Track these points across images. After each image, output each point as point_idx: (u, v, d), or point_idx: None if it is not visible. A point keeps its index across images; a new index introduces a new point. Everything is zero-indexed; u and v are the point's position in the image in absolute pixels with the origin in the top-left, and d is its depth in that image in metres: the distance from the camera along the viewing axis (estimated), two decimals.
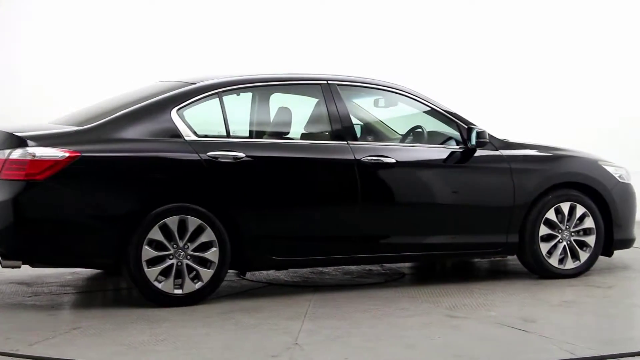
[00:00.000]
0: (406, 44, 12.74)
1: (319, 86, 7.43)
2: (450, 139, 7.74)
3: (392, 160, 7.35)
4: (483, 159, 7.66)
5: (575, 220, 7.94)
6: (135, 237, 6.62)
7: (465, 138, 7.64)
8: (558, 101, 13.06)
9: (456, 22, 13.03)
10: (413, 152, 7.59)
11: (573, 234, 7.93)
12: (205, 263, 6.83)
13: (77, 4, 11.99)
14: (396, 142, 7.88)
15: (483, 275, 8.65)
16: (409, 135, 7.92)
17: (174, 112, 6.92)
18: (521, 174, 7.77)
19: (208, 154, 6.84)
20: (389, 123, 8.08)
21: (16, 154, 6.47)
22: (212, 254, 6.84)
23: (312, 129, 7.50)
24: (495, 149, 7.76)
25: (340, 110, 7.35)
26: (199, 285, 6.82)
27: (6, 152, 6.47)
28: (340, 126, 7.33)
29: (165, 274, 6.74)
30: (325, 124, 7.37)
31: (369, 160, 7.27)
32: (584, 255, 7.97)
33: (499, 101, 12.74)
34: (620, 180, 8.19)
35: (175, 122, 6.89)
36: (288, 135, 7.50)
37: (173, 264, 6.74)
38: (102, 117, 6.88)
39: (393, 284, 7.92)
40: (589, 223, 7.98)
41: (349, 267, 8.52)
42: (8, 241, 6.50)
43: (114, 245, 6.63)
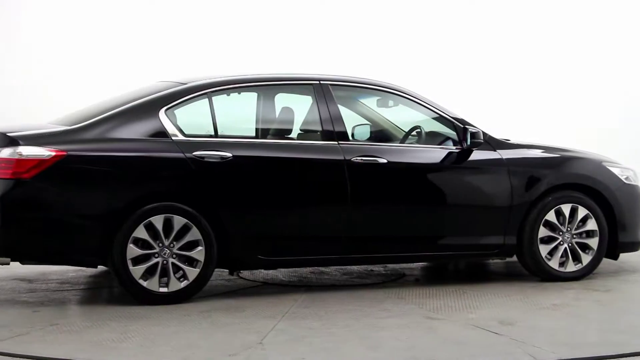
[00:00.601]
0: (406, 44, 12.62)
1: (311, 86, 7.41)
2: (448, 139, 7.65)
3: (384, 161, 7.30)
4: (479, 159, 7.58)
5: (578, 222, 7.77)
6: (120, 236, 6.70)
7: (461, 138, 7.54)
8: (561, 101, 12.86)
9: (456, 22, 12.87)
10: (406, 153, 7.54)
11: (575, 236, 7.78)
12: (192, 262, 6.86)
13: (79, 4, 12.11)
14: (390, 143, 7.77)
15: (483, 276, 8.56)
16: (408, 136, 7.84)
17: (162, 112, 6.99)
18: (519, 175, 7.67)
19: (194, 153, 6.89)
20: (385, 123, 7.97)
21: (5, 153, 6.61)
22: (198, 253, 6.89)
23: (303, 129, 7.49)
24: (493, 150, 7.65)
25: (332, 110, 7.34)
26: (185, 283, 6.87)
27: None
28: (331, 126, 7.31)
29: (152, 273, 6.77)
30: (316, 124, 7.36)
31: (359, 160, 7.23)
32: (587, 258, 7.83)
33: (500, 101, 12.58)
34: (626, 181, 8.01)
35: (163, 122, 6.95)
36: (278, 135, 7.48)
37: (158, 262, 6.79)
38: (92, 117, 6.97)
39: (389, 284, 7.89)
40: (591, 225, 7.82)
41: (351, 267, 8.50)
42: None
43: (100, 244, 6.72)
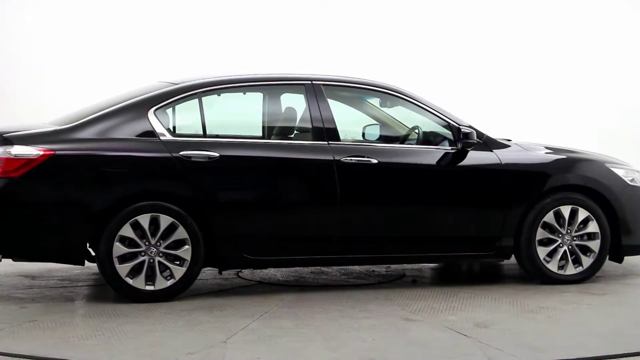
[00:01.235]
0: (407, 45, 12.58)
1: (302, 86, 7.41)
2: (445, 139, 7.58)
3: (374, 161, 7.26)
4: (474, 159, 7.49)
5: (578, 224, 7.63)
6: (106, 234, 6.79)
7: (456, 139, 7.48)
8: (562, 101, 12.75)
9: (456, 21, 12.80)
10: (398, 153, 7.48)
11: (575, 239, 7.64)
12: (178, 260, 6.92)
13: (81, 4, 12.26)
14: (393, 143, 7.71)
15: (484, 278, 8.49)
16: (407, 136, 7.79)
17: (151, 112, 7.06)
18: (516, 176, 7.57)
19: (181, 153, 6.95)
20: (393, 122, 7.90)
21: None
22: (185, 251, 6.95)
23: (294, 129, 7.49)
24: (489, 150, 7.56)
25: (323, 110, 7.33)
26: (171, 282, 6.93)
27: None
28: (322, 126, 7.30)
29: (138, 271, 6.86)
30: (307, 123, 7.36)
31: (349, 160, 7.21)
32: (588, 261, 7.69)
33: (501, 101, 12.46)
34: (630, 183, 7.84)
35: (152, 122, 7.03)
36: (269, 135, 7.51)
37: (145, 260, 6.86)
38: (84, 117, 7.08)
39: (384, 285, 7.87)
40: (592, 227, 7.67)
41: (353, 268, 8.49)
42: None
43: (86, 242, 6.83)
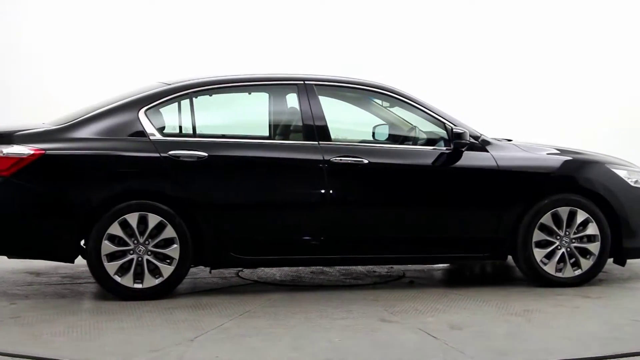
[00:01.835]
0: (407, 45, 12.49)
1: (295, 86, 7.43)
2: (441, 140, 7.53)
3: (365, 161, 7.24)
4: (468, 159, 7.42)
5: (577, 226, 7.51)
6: (94, 232, 6.89)
7: (449, 139, 7.42)
8: (563, 101, 12.58)
9: (457, 22, 12.69)
10: (389, 153, 7.44)
11: (574, 241, 7.51)
12: (167, 259, 6.99)
13: (82, 4, 12.39)
14: (372, 143, 7.70)
15: (481, 280, 8.42)
16: (404, 136, 7.75)
17: (141, 112, 7.15)
18: (511, 177, 7.48)
19: (169, 152, 7.02)
20: (402, 122, 7.86)
21: None
22: (173, 250, 7.01)
23: (285, 128, 7.51)
24: (485, 150, 7.48)
25: (314, 110, 7.33)
26: (160, 280, 7.00)
27: None
28: (312, 126, 7.30)
29: (127, 269, 6.95)
30: (298, 123, 7.37)
31: (339, 160, 7.20)
32: (587, 264, 7.55)
33: (501, 101, 12.32)
34: (633, 184, 7.68)
35: (142, 122, 7.11)
36: (260, 135, 7.54)
37: (133, 259, 6.94)
38: (78, 117, 7.19)
39: (379, 286, 7.85)
40: (592, 230, 7.53)
41: (354, 268, 8.47)
42: None
43: (76, 240, 6.95)
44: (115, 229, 6.93)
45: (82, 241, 7.08)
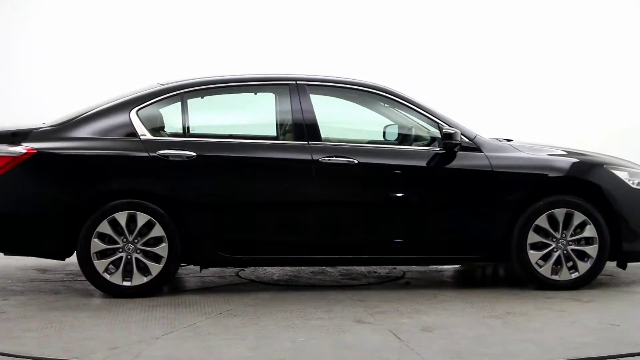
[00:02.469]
0: (408, 45, 12.34)
1: (287, 86, 7.44)
2: (435, 140, 7.47)
3: (354, 161, 7.22)
4: (460, 160, 7.34)
5: (574, 229, 7.38)
6: (84, 230, 7.02)
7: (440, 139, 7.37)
8: (564, 101, 12.36)
9: (457, 22, 12.51)
10: (380, 153, 7.40)
11: (571, 243, 7.38)
12: (156, 257, 7.08)
13: (85, 5, 12.48)
14: (363, 143, 7.66)
15: (480, 282, 8.33)
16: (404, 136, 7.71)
17: (133, 113, 7.26)
18: (506, 178, 7.38)
19: (158, 152, 7.11)
20: (366, 123, 7.85)
21: None
22: (162, 249, 7.10)
23: (276, 129, 7.53)
24: (479, 151, 7.40)
25: (305, 110, 7.34)
26: (148, 278, 7.09)
27: None
28: (303, 126, 7.31)
29: (116, 267, 7.06)
30: (289, 123, 7.39)
31: (327, 160, 7.20)
32: (584, 267, 7.41)
33: (502, 101, 12.12)
34: (633, 186, 7.51)
35: (133, 122, 7.22)
36: (250, 135, 7.58)
37: (122, 257, 7.05)
38: (73, 117, 7.33)
39: (373, 286, 7.81)
40: (590, 232, 7.39)
41: (357, 268, 8.46)
42: None
43: (67, 237, 7.08)
44: (105, 228, 7.04)
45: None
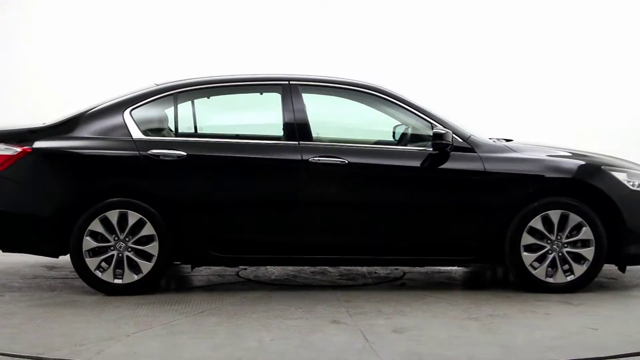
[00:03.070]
0: (408, 45, 12.21)
1: (280, 86, 7.46)
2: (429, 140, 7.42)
3: (344, 161, 7.21)
4: (452, 160, 7.28)
5: (571, 230, 7.26)
6: (76, 229, 7.13)
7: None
8: (566, 100, 12.16)
9: (457, 22, 12.37)
10: (371, 154, 7.37)
11: (566, 246, 7.26)
12: (147, 256, 7.16)
13: (87, 5, 12.54)
14: (352, 143, 7.61)
15: (480, 283, 8.24)
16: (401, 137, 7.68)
17: (127, 112, 7.36)
18: (499, 178, 7.29)
19: (149, 151, 7.19)
20: (360, 123, 7.83)
21: None
22: (152, 247, 7.18)
23: (268, 128, 7.56)
24: (473, 151, 7.32)
25: (297, 110, 7.35)
26: (139, 276, 7.18)
27: None
28: (294, 126, 7.32)
29: (108, 265, 7.17)
30: (281, 123, 7.40)
31: (317, 160, 7.20)
32: (580, 269, 7.29)
33: (502, 101, 11.91)
34: (633, 188, 7.36)
35: (127, 122, 7.32)
36: (242, 135, 7.62)
37: (114, 255, 7.15)
38: (70, 116, 7.46)
39: (368, 287, 7.78)
40: (586, 234, 7.26)
41: (355, 268, 8.43)
42: None
43: (60, 235, 7.20)
44: (97, 226, 7.13)
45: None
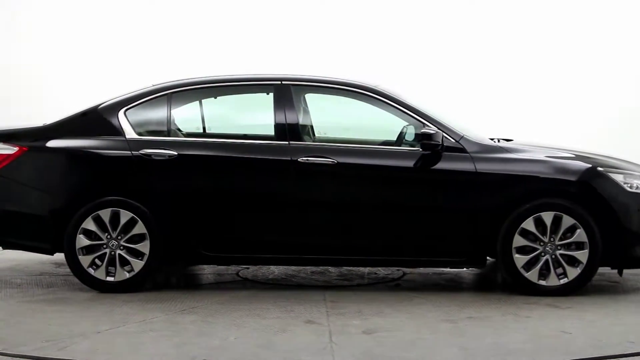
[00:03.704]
0: (408, 45, 12.06)
1: (272, 86, 7.49)
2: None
3: (333, 161, 7.20)
4: (443, 160, 7.21)
5: (564, 232, 7.14)
6: (70, 227, 7.26)
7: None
8: (566, 100, 11.93)
9: (457, 22, 12.16)
10: (361, 153, 7.34)
11: (560, 248, 7.15)
12: (139, 254, 7.25)
13: (88, 6, 12.60)
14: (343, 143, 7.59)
15: (479, 284, 8.16)
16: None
17: (121, 113, 7.46)
18: (491, 180, 7.20)
19: (141, 151, 7.28)
20: (357, 123, 7.80)
21: None
22: (144, 246, 7.27)
23: (259, 128, 7.59)
24: (465, 152, 7.25)
25: (288, 110, 7.37)
26: (131, 274, 7.28)
27: None
28: (285, 126, 7.34)
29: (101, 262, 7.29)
30: (272, 123, 7.42)
31: (305, 160, 7.21)
32: (574, 272, 7.16)
33: (505, 100, 11.78)
34: (630, 189, 7.20)
35: (121, 122, 7.43)
36: (234, 135, 7.67)
37: (106, 252, 7.26)
38: (68, 116, 7.60)
39: (362, 287, 7.76)
40: (580, 236, 7.13)
41: (357, 268, 8.41)
42: None
43: (54, 233, 7.33)
44: (90, 224, 7.23)
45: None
